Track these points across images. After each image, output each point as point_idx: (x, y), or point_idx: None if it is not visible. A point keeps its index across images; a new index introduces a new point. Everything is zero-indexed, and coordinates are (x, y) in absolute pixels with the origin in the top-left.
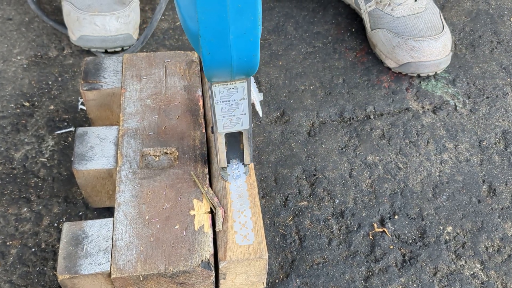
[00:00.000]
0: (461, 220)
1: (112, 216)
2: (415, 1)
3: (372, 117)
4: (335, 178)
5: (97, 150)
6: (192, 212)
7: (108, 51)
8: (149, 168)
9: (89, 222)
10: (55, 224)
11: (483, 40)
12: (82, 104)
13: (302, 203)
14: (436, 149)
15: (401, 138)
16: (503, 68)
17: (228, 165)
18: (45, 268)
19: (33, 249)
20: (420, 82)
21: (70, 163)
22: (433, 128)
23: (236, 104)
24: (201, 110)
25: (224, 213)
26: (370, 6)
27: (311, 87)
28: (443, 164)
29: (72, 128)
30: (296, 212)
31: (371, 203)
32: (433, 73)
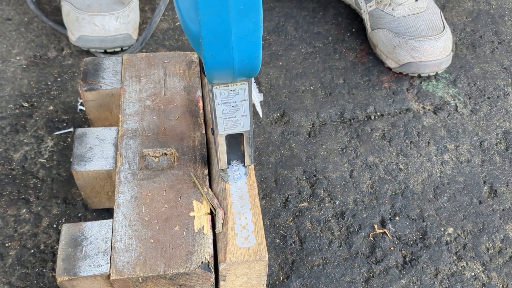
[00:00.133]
0: (462, 221)
1: (111, 217)
2: (416, 1)
3: (372, 117)
4: (335, 179)
5: (96, 151)
6: (191, 214)
7: (107, 51)
8: (148, 169)
9: (88, 223)
10: (54, 225)
11: (484, 40)
12: (82, 104)
13: (302, 204)
14: (437, 149)
15: (402, 139)
16: (504, 68)
17: (228, 167)
18: (44, 270)
19: (32, 251)
20: (420, 83)
21: (69, 164)
22: (434, 128)
23: (237, 105)
24: (201, 111)
25: (224, 214)
26: (370, 6)
27: (312, 88)
28: (444, 165)
29: (71, 129)
30: (297, 213)
31: (372, 204)
32: (434, 73)
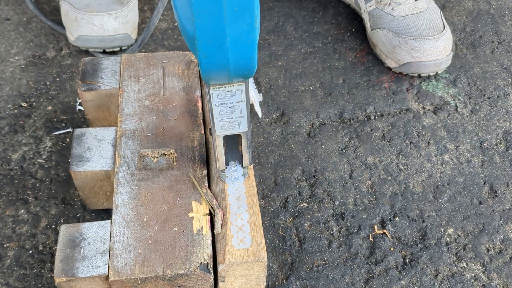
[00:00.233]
0: (462, 221)
1: (110, 218)
2: (416, 0)
3: (372, 117)
4: (335, 179)
5: (94, 151)
6: (190, 214)
7: (106, 51)
8: (147, 169)
9: (87, 224)
10: (53, 226)
11: (484, 40)
12: (80, 104)
13: (301, 205)
14: (437, 150)
15: (402, 139)
16: (504, 68)
17: (226, 167)
18: (43, 271)
19: (30, 251)
20: (420, 83)
21: (68, 164)
22: (434, 129)
23: (234, 106)
24: (200, 111)
25: (223, 215)
26: (370, 6)
27: (311, 88)
28: (444, 165)
29: (70, 129)
30: (296, 214)
31: (372, 204)
32: (434, 73)
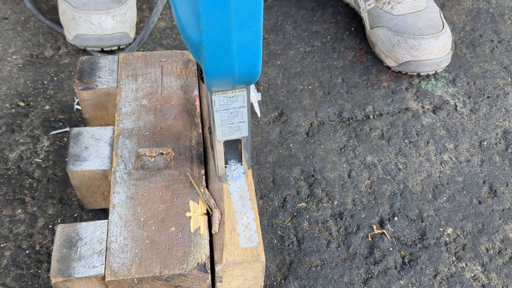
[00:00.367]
0: (462, 221)
1: (107, 218)
2: None
3: (371, 117)
4: (333, 179)
5: (91, 151)
6: (188, 214)
7: (104, 50)
8: (144, 169)
9: (83, 224)
10: (50, 226)
11: (483, 39)
12: (78, 104)
13: (300, 204)
14: (436, 149)
15: (401, 139)
16: (503, 67)
17: (226, 166)
18: (39, 271)
19: (27, 251)
20: (420, 82)
21: (65, 163)
22: (433, 128)
23: (236, 112)
24: (198, 110)
25: (221, 214)
26: (369, 5)
27: (310, 87)
28: (443, 165)
29: (67, 128)
30: (294, 214)
31: (370, 204)
32: (433, 72)
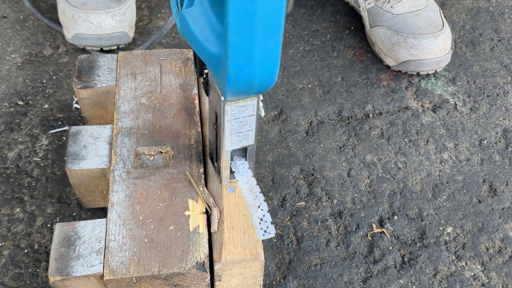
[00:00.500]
0: (461, 220)
1: (106, 216)
2: None
3: (371, 116)
4: (333, 178)
5: (90, 149)
6: (187, 213)
7: (103, 49)
8: (143, 167)
9: (82, 222)
10: (48, 225)
11: (483, 38)
12: (77, 102)
13: (299, 203)
14: (436, 148)
15: (401, 137)
16: (503, 66)
17: (231, 162)
18: (38, 270)
19: (25, 250)
20: (419, 81)
21: (64, 162)
22: (433, 127)
23: (245, 121)
24: (197, 109)
25: (220, 213)
26: (369, 4)
27: (309, 86)
28: (443, 164)
29: (66, 127)
30: (294, 213)
31: (370, 203)
32: (433, 71)
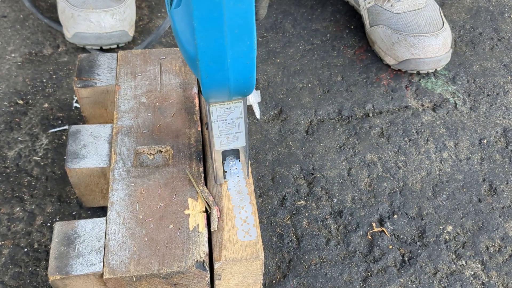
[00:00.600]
0: (461, 219)
1: (106, 215)
2: None
3: (371, 115)
4: (333, 177)
5: (90, 148)
6: (186, 212)
7: (103, 48)
8: (143, 166)
9: (81, 221)
10: (48, 224)
11: (483, 37)
12: (77, 102)
13: (299, 203)
14: (436, 147)
15: (401, 137)
16: (503, 65)
17: (224, 162)
18: (38, 269)
19: (25, 249)
20: (419, 80)
21: (64, 161)
22: (433, 126)
23: (233, 122)
24: (197, 108)
25: (220, 212)
26: (369, 3)
27: (309, 85)
28: (443, 163)
29: (66, 126)
30: (294, 212)
31: (370, 202)
32: (433, 70)
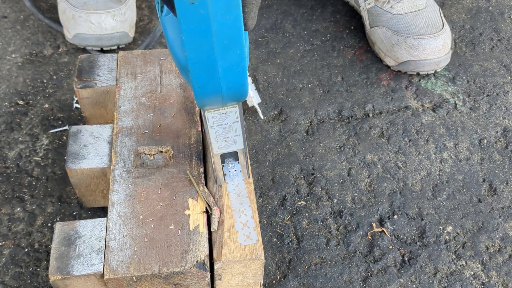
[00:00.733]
0: (461, 219)
1: (106, 216)
2: None
3: (371, 115)
4: (333, 177)
5: (90, 149)
6: (187, 212)
7: (103, 49)
8: (143, 167)
9: (82, 222)
10: (49, 224)
11: (483, 37)
12: (77, 102)
13: (299, 203)
14: (435, 147)
15: (401, 137)
16: (503, 66)
17: (223, 165)
18: (38, 269)
19: (26, 250)
20: (419, 80)
21: (65, 162)
22: (433, 126)
23: (230, 127)
24: (197, 108)
25: (220, 212)
26: (369, 4)
27: (309, 85)
28: (443, 163)
29: (66, 127)
30: (294, 212)
31: (370, 202)
32: (433, 71)
